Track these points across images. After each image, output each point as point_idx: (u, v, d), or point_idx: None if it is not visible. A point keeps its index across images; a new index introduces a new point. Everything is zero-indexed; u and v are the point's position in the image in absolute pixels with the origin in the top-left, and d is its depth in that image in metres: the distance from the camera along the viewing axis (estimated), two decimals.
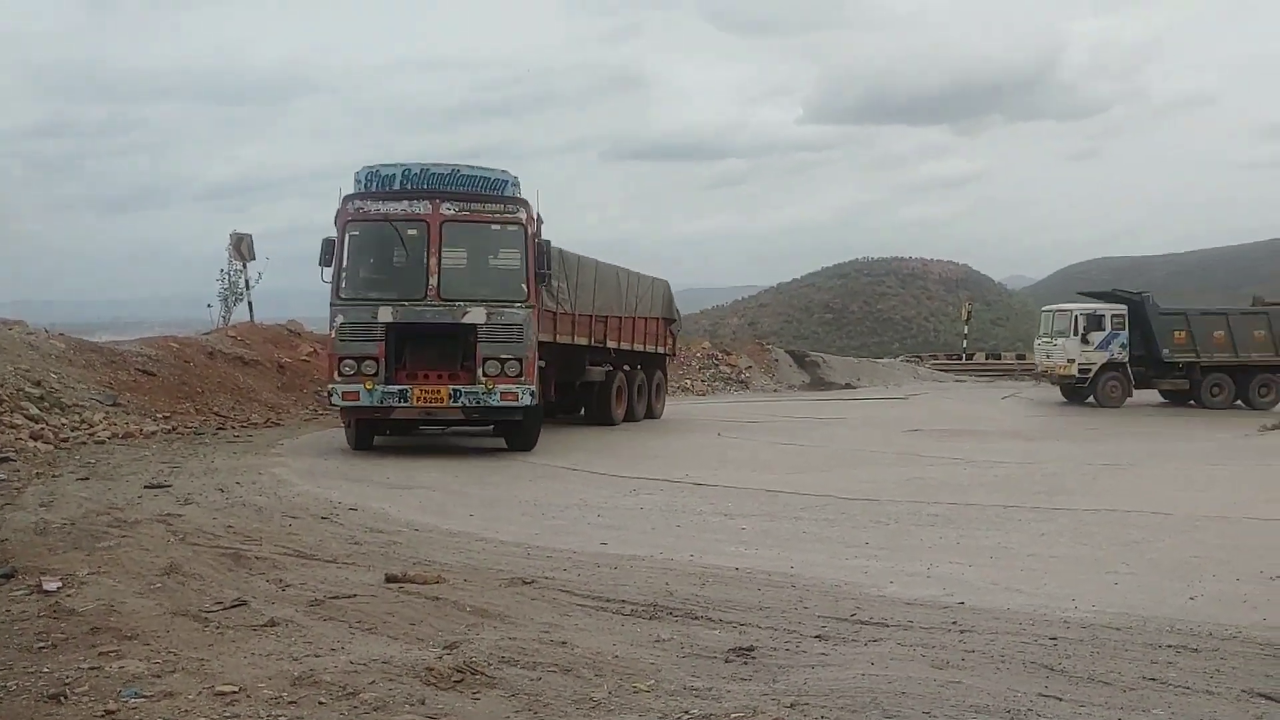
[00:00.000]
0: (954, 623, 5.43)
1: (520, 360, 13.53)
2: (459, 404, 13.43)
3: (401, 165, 13.79)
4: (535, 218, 14.06)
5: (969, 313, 48.67)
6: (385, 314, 13.36)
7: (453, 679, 4.40)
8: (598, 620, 5.55)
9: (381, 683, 4.36)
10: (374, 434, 14.55)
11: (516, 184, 14.12)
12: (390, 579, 6.40)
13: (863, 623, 5.47)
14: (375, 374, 13.28)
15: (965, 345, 47.45)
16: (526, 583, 6.40)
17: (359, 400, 13.29)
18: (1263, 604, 5.83)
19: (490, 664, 4.62)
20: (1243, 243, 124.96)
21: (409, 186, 13.68)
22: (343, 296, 13.55)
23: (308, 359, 22.90)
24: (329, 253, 13.56)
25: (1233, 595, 6.07)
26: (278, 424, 18.18)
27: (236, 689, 4.28)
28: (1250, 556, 7.10)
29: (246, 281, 26.27)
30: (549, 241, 14.13)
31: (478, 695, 4.26)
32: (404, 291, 13.64)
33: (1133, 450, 14.61)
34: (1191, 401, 24.81)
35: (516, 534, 8.36)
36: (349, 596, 5.95)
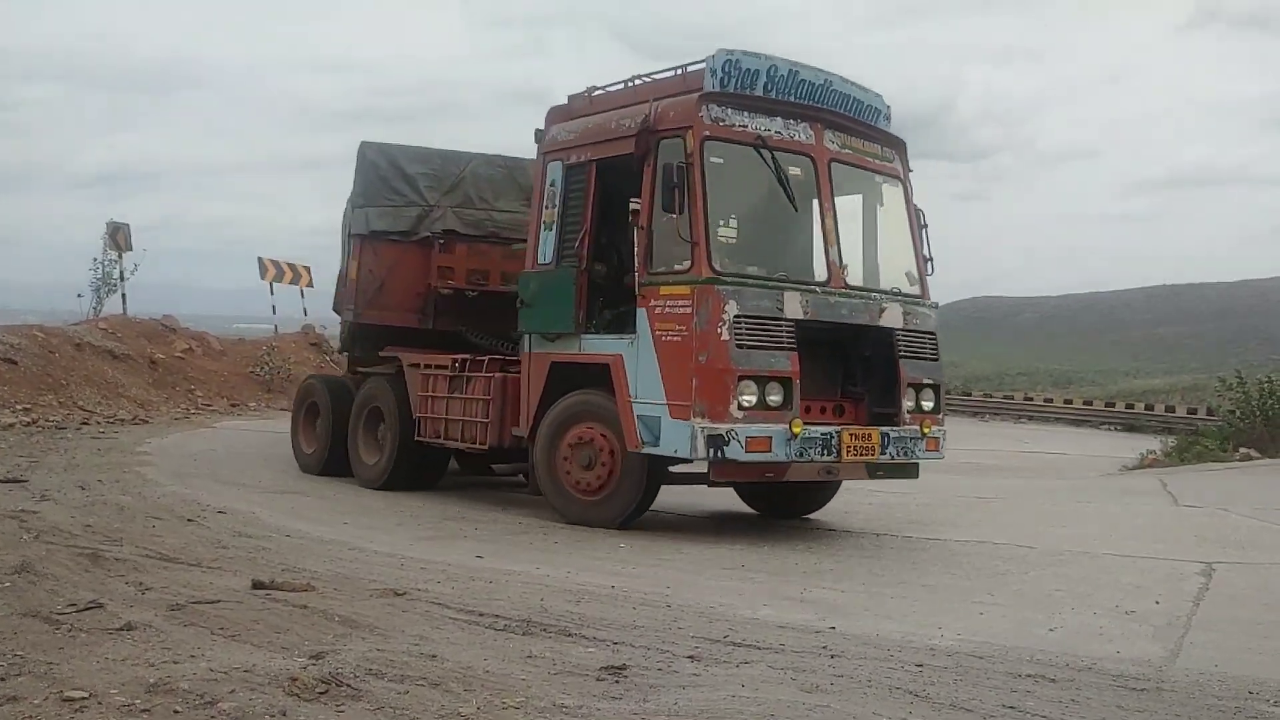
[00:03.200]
0: (824, 647, 5.49)
1: (939, 390, 9.50)
2: (885, 456, 8.91)
3: (766, 58, 8.89)
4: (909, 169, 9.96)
5: None
6: (793, 305, 8.51)
7: (317, 690, 4.28)
8: (470, 634, 5.47)
9: (242, 692, 4.22)
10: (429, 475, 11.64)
11: (889, 117, 9.84)
12: (257, 585, 6.21)
13: (735, 644, 5.49)
14: (787, 405, 8.39)
15: None
16: (399, 594, 6.28)
17: (769, 452, 8.27)
18: (1117, 637, 6.03)
19: (357, 676, 4.50)
20: (1112, 289, 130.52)
21: (775, 94, 8.94)
22: (721, 269, 8.37)
23: (182, 355, 22.23)
24: (676, 187, 8.18)
25: (1090, 628, 6.26)
26: (146, 421, 17.60)
27: (86, 695, 4.09)
28: (1109, 591, 7.33)
29: (121, 272, 25.42)
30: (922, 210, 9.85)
31: (342, 708, 4.14)
32: (793, 269, 8.98)
33: (1000, 485, 15.04)
34: None
35: (391, 544, 8.21)
36: (212, 602, 5.75)
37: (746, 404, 8.21)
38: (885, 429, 8.86)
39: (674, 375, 8.36)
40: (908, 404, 9.05)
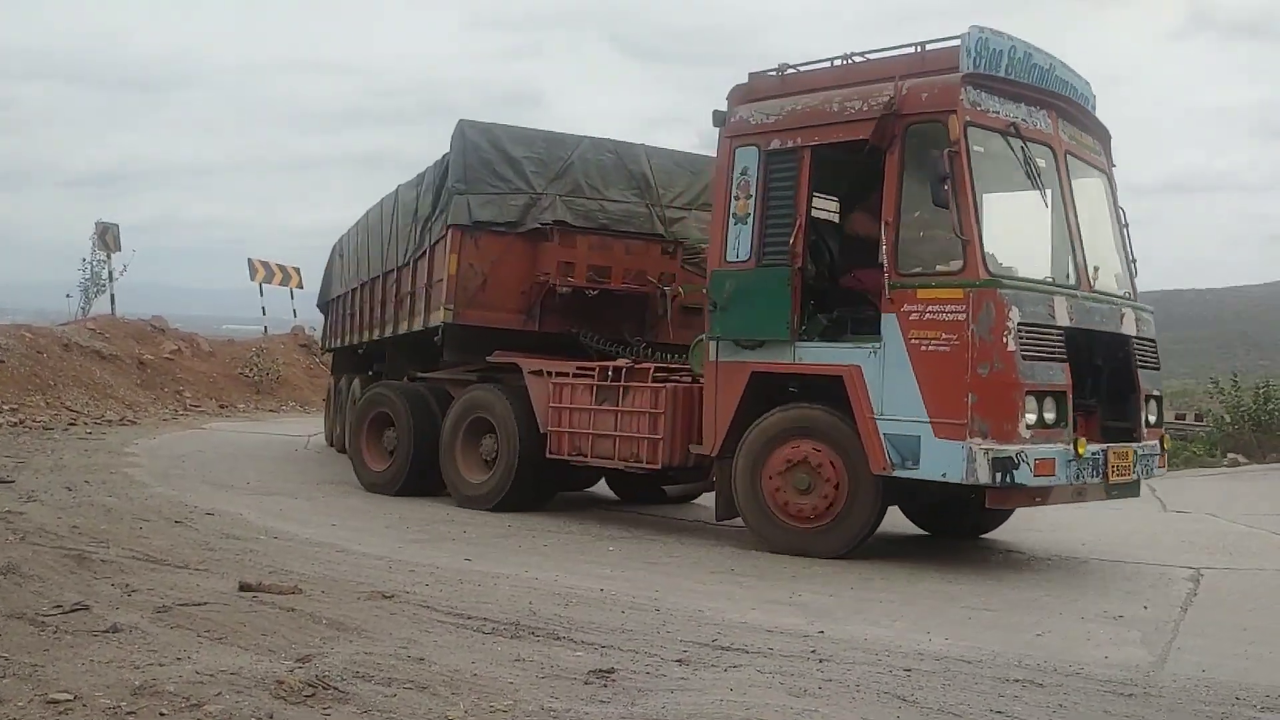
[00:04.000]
0: (813, 651, 5.48)
1: (1161, 402, 8.97)
2: (1134, 475, 8.30)
3: (1007, 38, 8.06)
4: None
5: None
6: (1061, 312, 7.77)
7: (304, 693, 4.26)
8: (458, 637, 5.45)
9: (228, 695, 4.20)
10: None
11: (1095, 105, 9.13)
12: (244, 587, 6.19)
13: (724, 648, 5.48)
14: (1062, 422, 7.64)
15: None
16: (386, 596, 6.26)
17: (1053, 476, 7.53)
18: (1105, 642, 6.03)
19: (344, 679, 4.49)
20: None
21: (1014, 77, 8.14)
22: (998, 273, 7.65)
23: (171, 357, 22.18)
24: (945, 179, 7.38)
25: (1078, 633, 6.26)
26: (134, 422, 17.57)
27: (71, 697, 4.07)
28: (1097, 596, 7.34)
29: (110, 273, 25.37)
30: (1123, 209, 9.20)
31: (329, 711, 4.13)
32: (1052, 270, 8.38)
33: None
34: None
35: (379, 546, 8.19)
36: (199, 604, 5.73)
37: (1030, 422, 7.44)
38: (1134, 446, 8.22)
39: (939, 389, 7.46)
40: (1153, 417, 8.47)
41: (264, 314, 28.62)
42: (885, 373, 7.68)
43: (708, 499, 10.14)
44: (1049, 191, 8.15)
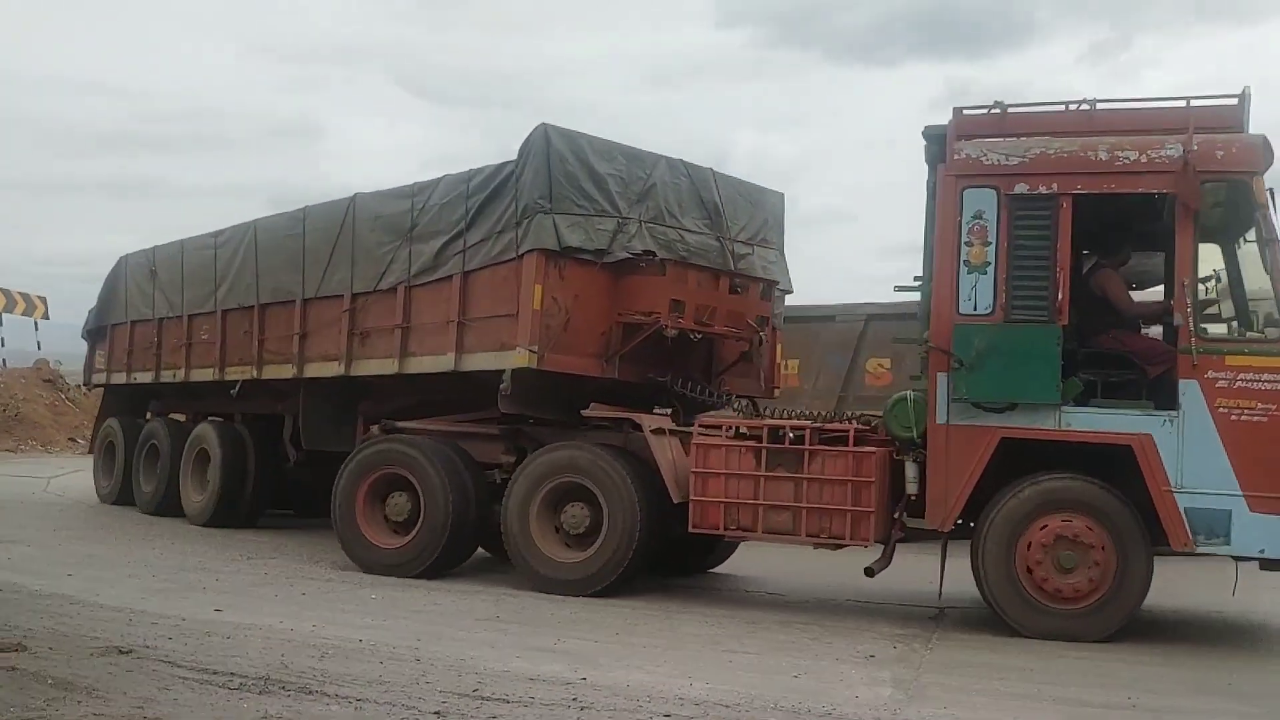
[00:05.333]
0: (575, 699, 5.44)
1: None
2: None
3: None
4: None
5: None
6: None
7: None
8: (200, 695, 5.14)
9: None
10: None
11: None
12: None
13: (484, 698, 5.37)
14: None
15: None
16: (124, 652, 5.85)
17: None
18: (857, 682, 6.24)
19: None
20: None
21: None
22: None
23: None
24: (1274, 240, 7.43)
25: (833, 674, 6.45)
26: None
27: None
28: (853, 636, 7.60)
29: None
30: None
31: None
32: None
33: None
34: None
35: (119, 597, 7.67)
36: None
37: None
38: None
39: (1255, 461, 7.16)
40: None
41: (2, 345, 26.61)
42: (1186, 442, 7.30)
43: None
44: None
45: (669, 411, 9.48)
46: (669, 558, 9.65)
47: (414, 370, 9.91)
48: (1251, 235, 7.65)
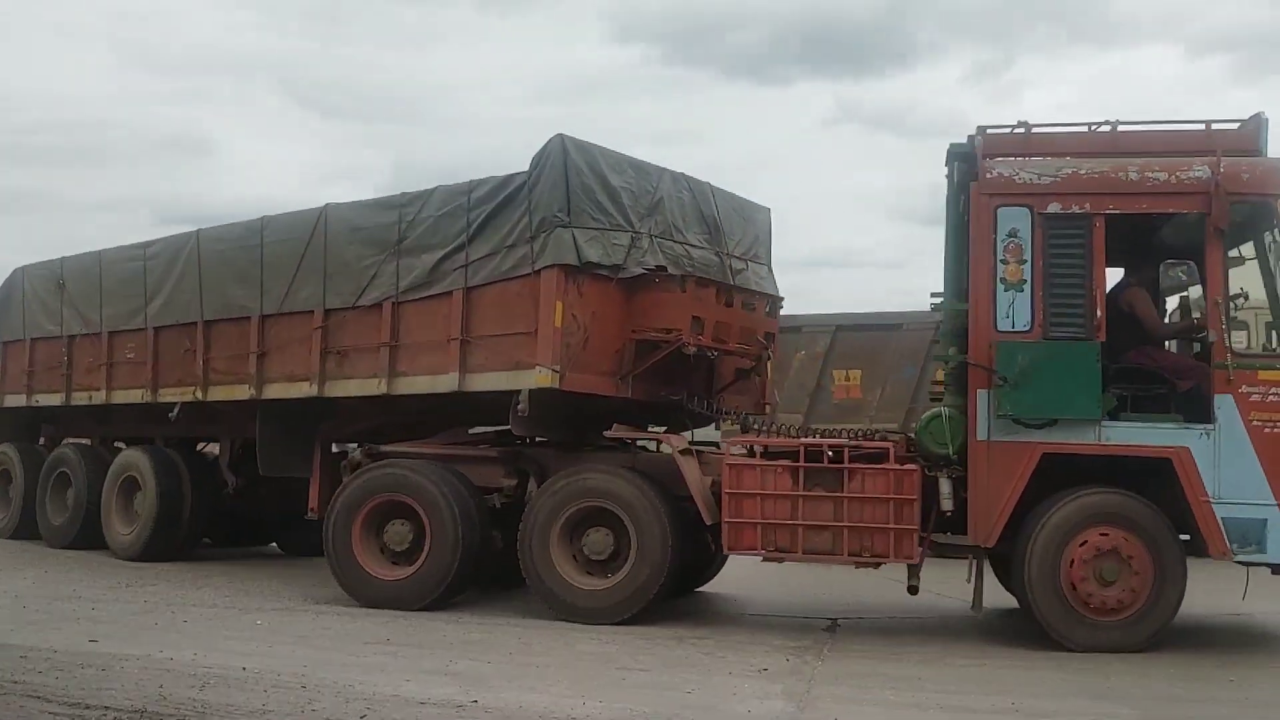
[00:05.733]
0: None
1: None
2: None
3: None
4: None
5: None
6: None
7: None
8: None
9: None
10: None
11: None
12: None
13: None
14: None
15: None
16: None
17: None
18: (749, 696, 6.25)
19: None
20: None
21: None
22: None
23: None
24: None
25: (726, 689, 6.46)
26: None
27: None
28: (746, 650, 7.61)
29: None
30: None
31: None
32: None
33: None
34: None
35: None
36: None
37: None
38: None
39: None
40: None
41: None
42: (1222, 455, 7.52)
43: None
44: None
45: (687, 430, 9.42)
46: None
47: (405, 391, 9.41)
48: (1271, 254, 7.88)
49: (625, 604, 8.42)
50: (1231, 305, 7.82)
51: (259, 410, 10.52)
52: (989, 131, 8.30)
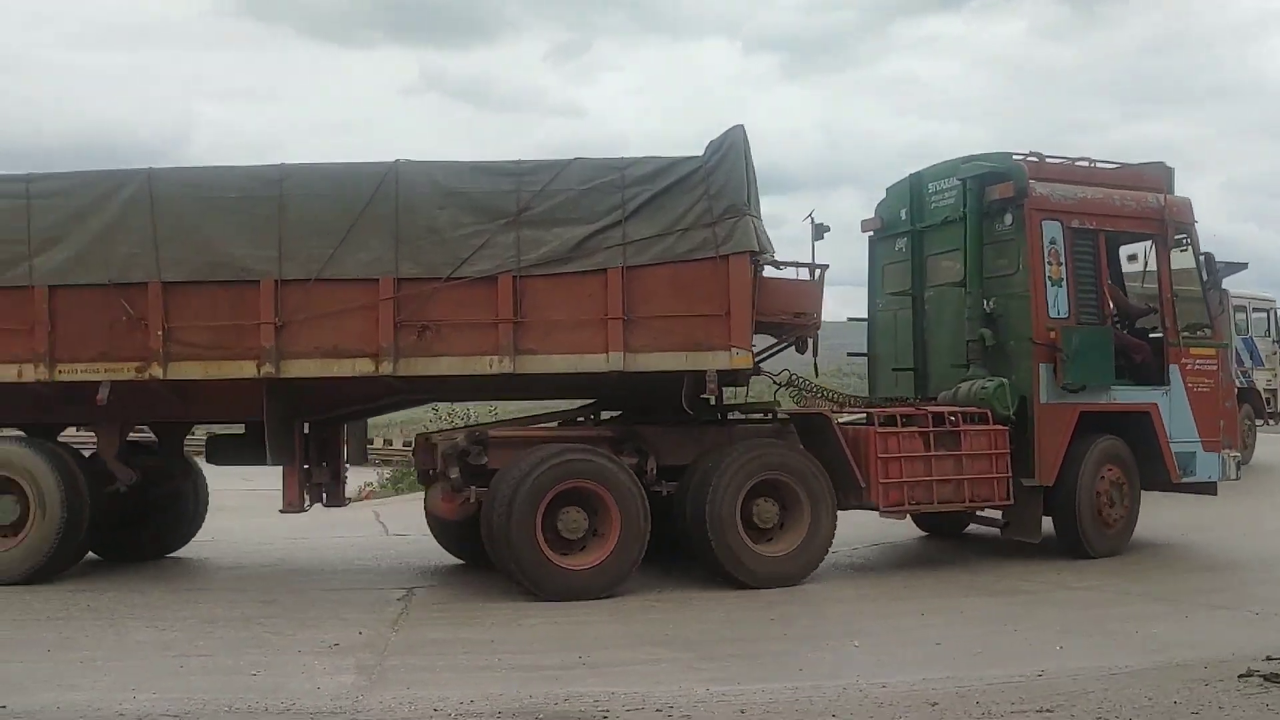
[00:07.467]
0: None
1: None
2: None
3: None
4: None
5: None
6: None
7: None
8: None
9: None
10: None
11: None
12: None
13: None
14: None
15: None
16: None
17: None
18: (319, 673, 6.09)
19: None
20: None
21: None
22: None
23: None
24: (1214, 272, 11.14)
25: (294, 666, 6.23)
26: None
27: None
28: (316, 627, 7.38)
29: None
30: None
31: None
32: None
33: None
34: None
35: None
36: None
37: None
38: None
39: (1204, 418, 10.49)
40: None
41: None
42: (1173, 408, 10.36)
43: None
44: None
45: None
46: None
47: (538, 370, 8.92)
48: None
49: (806, 567, 9.20)
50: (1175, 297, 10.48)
51: (266, 392, 9.02)
52: (1028, 159, 10.33)
